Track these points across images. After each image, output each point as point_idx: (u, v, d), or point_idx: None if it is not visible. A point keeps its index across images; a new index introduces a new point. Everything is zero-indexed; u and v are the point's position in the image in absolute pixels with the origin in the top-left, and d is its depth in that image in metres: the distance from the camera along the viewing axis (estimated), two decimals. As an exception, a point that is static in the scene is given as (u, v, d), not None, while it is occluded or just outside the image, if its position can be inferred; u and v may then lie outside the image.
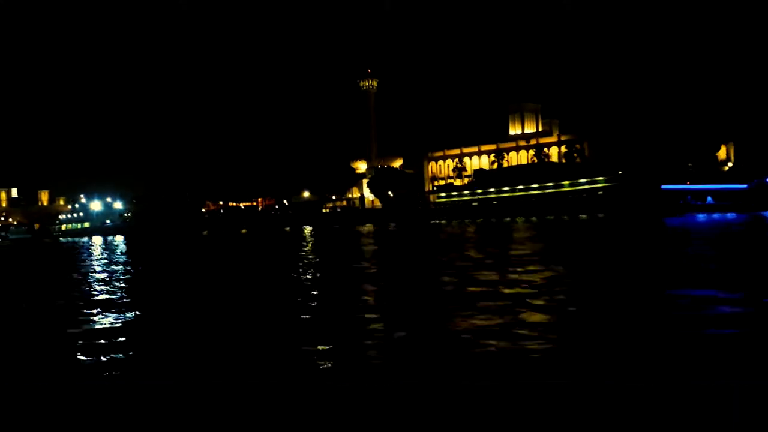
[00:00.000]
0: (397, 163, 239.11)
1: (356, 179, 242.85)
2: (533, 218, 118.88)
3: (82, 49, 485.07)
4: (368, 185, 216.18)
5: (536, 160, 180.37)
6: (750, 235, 43.52)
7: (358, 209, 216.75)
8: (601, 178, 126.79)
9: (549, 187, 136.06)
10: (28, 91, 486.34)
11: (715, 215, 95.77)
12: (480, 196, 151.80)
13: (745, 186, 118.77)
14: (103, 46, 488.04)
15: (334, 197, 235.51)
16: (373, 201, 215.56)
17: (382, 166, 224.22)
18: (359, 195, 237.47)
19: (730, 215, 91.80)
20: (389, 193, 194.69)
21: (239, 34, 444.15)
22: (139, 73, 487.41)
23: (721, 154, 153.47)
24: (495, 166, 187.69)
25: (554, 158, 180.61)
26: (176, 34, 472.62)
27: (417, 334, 12.28)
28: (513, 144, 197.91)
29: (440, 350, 10.71)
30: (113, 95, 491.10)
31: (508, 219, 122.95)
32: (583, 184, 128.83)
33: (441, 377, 8.59)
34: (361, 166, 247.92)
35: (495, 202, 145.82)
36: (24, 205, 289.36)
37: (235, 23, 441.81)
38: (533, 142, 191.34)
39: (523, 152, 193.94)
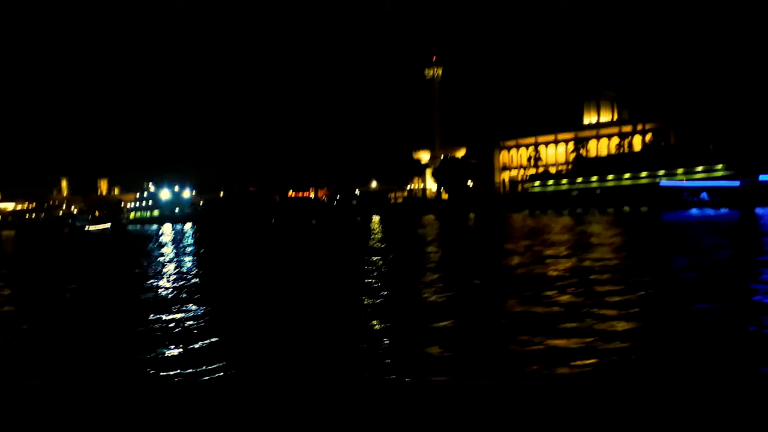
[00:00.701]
0: (460, 153, 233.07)
1: (419, 169, 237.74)
2: (643, 208, 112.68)
3: (136, 44, 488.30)
4: (433, 175, 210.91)
5: (620, 150, 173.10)
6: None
7: (425, 200, 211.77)
8: (720, 166, 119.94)
9: (660, 176, 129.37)
10: (89, 85, 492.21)
11: (709, 211, 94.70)
12: (581, 185, 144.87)
13: (737, 183, 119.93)
14: (155, 40, 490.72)
15: (406, 187, 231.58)
16: (437, 191, 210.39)
17: (446, 156, 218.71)
18: (422, 185, 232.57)
19: (723, 210, 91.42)
20: (469, 182, 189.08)
21: (308, 22, 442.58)
22: (202, 61, 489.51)
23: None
24: (573, 155, 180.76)
25: (636, 148, 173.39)
26: (238, 26, 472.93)
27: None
28: (593, 132, 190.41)
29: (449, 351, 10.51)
30: (172, 86, 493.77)
31: (612, 209, 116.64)
32: (699, 173, 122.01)
33: (441, 377, 8.56)
34: (424, 156, 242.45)
35: (598, 192, 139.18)
36: (77, 193, 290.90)
37: (304, 9, 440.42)
38: (616, 130, 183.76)
39: (604, 140, 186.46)
